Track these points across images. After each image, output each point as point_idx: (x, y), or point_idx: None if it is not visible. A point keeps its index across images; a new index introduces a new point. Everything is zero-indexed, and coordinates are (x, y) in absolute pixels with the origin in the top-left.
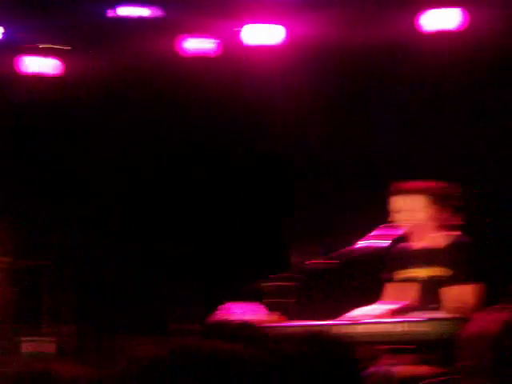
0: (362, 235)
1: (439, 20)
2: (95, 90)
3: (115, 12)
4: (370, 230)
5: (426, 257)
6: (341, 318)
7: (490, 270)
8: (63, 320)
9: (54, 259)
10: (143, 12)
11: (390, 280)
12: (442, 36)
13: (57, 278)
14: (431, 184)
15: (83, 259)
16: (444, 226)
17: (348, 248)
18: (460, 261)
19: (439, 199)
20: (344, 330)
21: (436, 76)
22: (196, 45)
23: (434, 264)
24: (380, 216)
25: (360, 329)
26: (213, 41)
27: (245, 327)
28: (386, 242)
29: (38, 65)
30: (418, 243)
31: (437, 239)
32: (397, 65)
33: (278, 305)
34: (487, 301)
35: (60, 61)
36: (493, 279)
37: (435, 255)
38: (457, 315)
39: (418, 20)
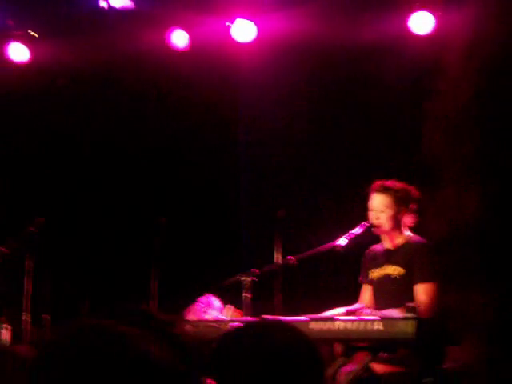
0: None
1: (415, 23)
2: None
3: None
4: (350, 228)
5: (385, 257)
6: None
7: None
8: (22, 308)
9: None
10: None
11: (365, 282)
12: (418, 39)
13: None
14: (394, 184)
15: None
16: (402, 227)
17: (327, 245)
18: (414, 260)
19: (400, 200)
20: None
21: (414, 78)
22: (172, 38)
23: (390, 263)
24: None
25: (313, 325)
26: (186, 35)
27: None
28: (363, 240)
29: (11, 51)
30: (384, 244)
31: (395, 239)
32: (375, 66)
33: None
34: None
35: (30, 48)
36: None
37: (391, 255)
38: (410, 315)
39: (397, 22)
